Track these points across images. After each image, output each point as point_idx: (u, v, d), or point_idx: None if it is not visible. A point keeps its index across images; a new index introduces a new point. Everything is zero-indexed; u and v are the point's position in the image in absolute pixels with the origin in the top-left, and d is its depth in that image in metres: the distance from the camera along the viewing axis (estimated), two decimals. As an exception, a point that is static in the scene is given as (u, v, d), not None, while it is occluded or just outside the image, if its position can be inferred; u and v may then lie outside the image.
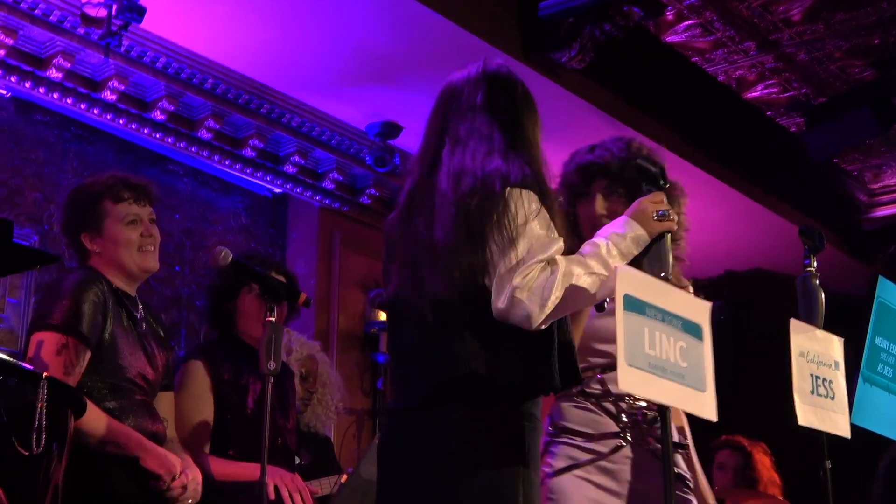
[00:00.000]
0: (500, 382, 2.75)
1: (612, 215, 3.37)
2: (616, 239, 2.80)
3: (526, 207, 2.76)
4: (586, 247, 2.79)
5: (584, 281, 2.70)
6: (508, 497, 2.72)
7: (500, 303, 2.71)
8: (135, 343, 3.70)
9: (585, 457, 3.27)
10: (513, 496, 2.72)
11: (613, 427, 3.29)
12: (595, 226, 3.27)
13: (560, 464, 3.27)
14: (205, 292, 4.55)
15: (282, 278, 4.13)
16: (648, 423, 3.29)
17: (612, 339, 3.23)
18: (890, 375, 3.91)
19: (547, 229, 2.76)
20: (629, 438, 3.27)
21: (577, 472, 3.25)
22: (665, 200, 2.88)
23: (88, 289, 3.59)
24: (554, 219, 2.81)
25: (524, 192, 2.78)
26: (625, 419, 3.27)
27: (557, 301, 2.67)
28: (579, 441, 3.28)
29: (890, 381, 3.91)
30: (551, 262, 2.71)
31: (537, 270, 2.69)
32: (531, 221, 2.75)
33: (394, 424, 2.95)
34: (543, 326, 2.71)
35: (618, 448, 3.26)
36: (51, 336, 3.49)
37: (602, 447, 3.27)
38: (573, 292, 2.68)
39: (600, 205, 3.42)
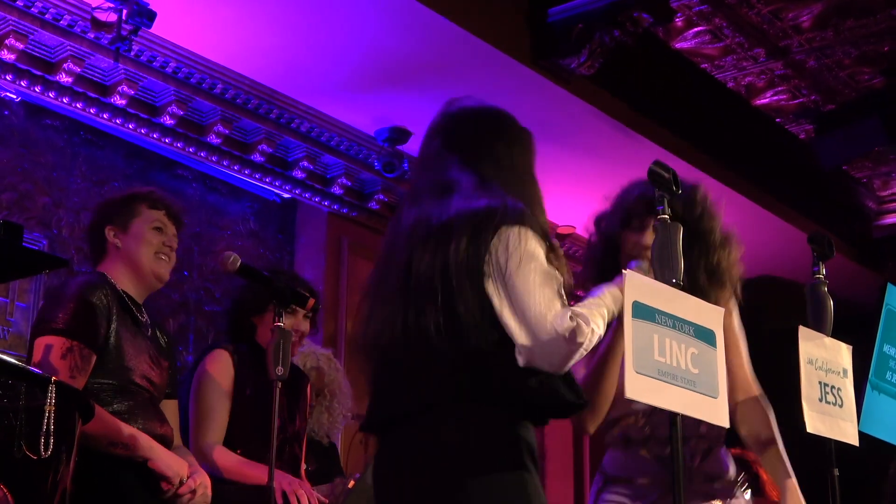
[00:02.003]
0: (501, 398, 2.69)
1: None
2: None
3: (522, 247, 2.68)
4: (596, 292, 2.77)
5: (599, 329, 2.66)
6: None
7: (524, 360, 2.64)
8: (140, 347, 3.71)
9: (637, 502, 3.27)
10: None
11: (661, 472, 3.27)
12: (634, 255, 3.30)
13: None
14: (230, 305, 4.54)
15: (307, 294, 4.12)
16: (693, 462, 3.27)
17: None
18: (898, 383, 3.90)
19: (549, 276, 2.68)
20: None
21: None
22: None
23: (92, 293, 3.60)
24: (549, 253, 2.74)
25: (521, 230, 2.71)
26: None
27: (583, 349, 2.62)
28: (627, 489, 3.28)
29: (898, 388, 3.90)
30: (572, 314, 2.61)
31: (566, 321, 2.60)
32: (531, 262, 2.67)
33: (389, 443, 2.85)
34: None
35: (665, 493, 3.24)
36: (56, 340, 3.50)
37: (650, 492, 3.26)
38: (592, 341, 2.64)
39: (650, 238, 3.40)
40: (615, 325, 2.99)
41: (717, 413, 2.63)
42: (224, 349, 4.25)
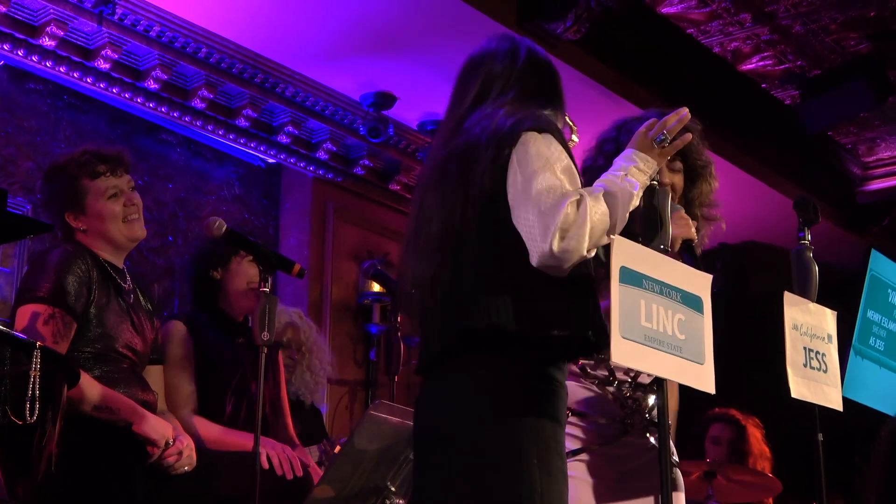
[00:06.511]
0: (534, 332, 2.67)
1: None
2: (624, 166, 2.78)
3: (545, 150, 2.71)
4: (598, 183, 2.74)
5: (604, 208, 2.65)
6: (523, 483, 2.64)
7: (537, 258, 2.63)
8: (122, 314, 3.73)
9: (594, 439, 3.27)
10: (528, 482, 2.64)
11: (618, 412, 3.28)
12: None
13: (569, 445, 3.28)
14: (191, 260, 4.51)
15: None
16: (648, 410, 3.29)
17: None
18: (881, 349, 3.92)
19: (566, 174, 2.70)
20: (632, 424, 3.26)
21: (585, 456, 3.25)
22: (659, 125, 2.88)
23: (72, 263, 3.63)
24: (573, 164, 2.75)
25: (541, 135, 2.74)
26: (629, 404, 3.27)
27: (591, 236, 2.59)
28: (583, 423, 3.28)
29: (881, 354, 3.92)
30: (576, 201, 2.61)
31: (570, 211, 2.60)
32: (552, 165, 2.69)
33: (422, 388, 2.88)
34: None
35: (623, 433, 3.26)
36: (38, 308, 3.53)
37: (608, 431, 3.27)
38: (600, 222, 2.62)
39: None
40: None
41: (702, 379, 2.64)
42: (177, 319, 4.23)
